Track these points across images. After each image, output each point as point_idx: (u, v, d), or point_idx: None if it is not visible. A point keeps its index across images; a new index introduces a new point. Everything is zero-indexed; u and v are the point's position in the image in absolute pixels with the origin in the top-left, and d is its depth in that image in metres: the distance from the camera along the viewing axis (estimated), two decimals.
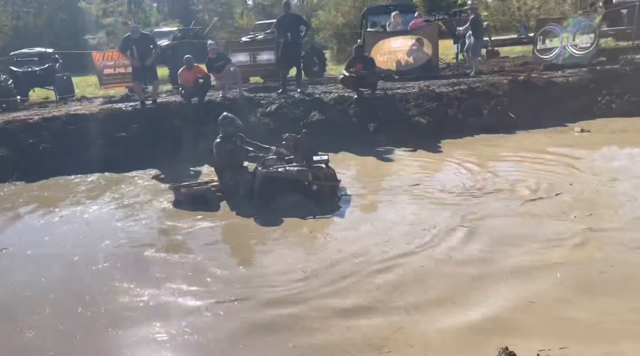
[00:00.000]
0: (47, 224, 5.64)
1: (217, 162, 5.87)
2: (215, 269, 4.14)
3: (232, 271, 4.14)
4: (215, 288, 3.85)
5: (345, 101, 8.92)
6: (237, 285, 3.85)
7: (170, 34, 15.92)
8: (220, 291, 3.77)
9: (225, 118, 5.82)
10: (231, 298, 3.65)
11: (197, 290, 3.82)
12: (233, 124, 5.78)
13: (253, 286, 3.82)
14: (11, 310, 3.66)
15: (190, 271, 4.14)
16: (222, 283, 3.91)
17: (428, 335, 3.06)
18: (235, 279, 3.95)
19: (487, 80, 9.55)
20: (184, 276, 4.05)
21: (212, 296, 3.70)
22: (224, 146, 5.71)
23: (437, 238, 4.41)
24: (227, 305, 3.57)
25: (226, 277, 4.02)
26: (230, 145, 5.74)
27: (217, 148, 5.72)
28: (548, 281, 3.56)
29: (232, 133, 5.80)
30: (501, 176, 6.01)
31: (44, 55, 13.18)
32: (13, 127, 8.51)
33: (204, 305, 3.58)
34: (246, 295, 3.68)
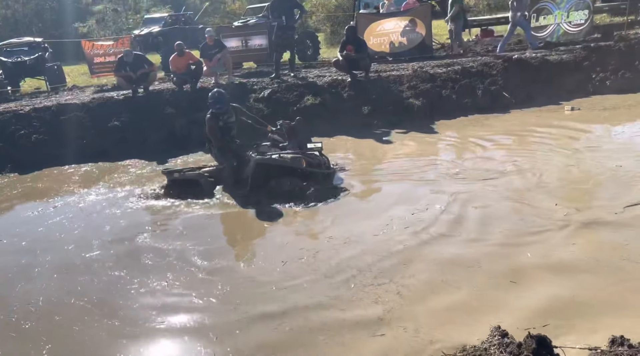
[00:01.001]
0: (42, 215, 5.63)
1: (209, 137, 5.80)
2: (204, 259, 4.13)
3: (221, 260, 4.12)
4: (202, 276, 3.86)
5: (339, 85, 8.85)
6: (226, 275, 3.84)
7: (161, 20, 15.68)
8: (210, 281, 3.77)
9: (211, 97, 5.69)
10: (220, 288, 3.65)
11: (185, 279, 3.83)
12: (215, 106, 5.65)
13: (241, 275, 3.83)
14: (6, 301, 3.67)
15: (180, 260, 4.14)
16: (211, 272, 3.92)
17: (419, 315, 3.08)
18: (223, 270, 3.94)
19: (481, 60, 9.47)
20: (173, 265, 4.06)
21: (201, 286, 3.72)
22: (213, 122, 5.64)
23: (429, 221, 4.40)
24: (216, 295, 3.58)
25: (215, 266, 4.02)
26: (221, 121, 5.67)
27: (208, 122, 5.67)
28: (533, 263, 3.57)
29: (221, 112, 5.70)
30: (487, 158, 6.03)
31: (33, 45, 13.01)
32: (4, 118, 8.43)
33: (192, 294, 3.59)
34: (235, 283, 3.68)
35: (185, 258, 4.16)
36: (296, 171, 5.38)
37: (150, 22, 15.86)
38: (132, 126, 8.29)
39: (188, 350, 3.00)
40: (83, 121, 8.42)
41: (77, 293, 3.73)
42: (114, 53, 11.13)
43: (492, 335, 2.49)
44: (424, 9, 11.09)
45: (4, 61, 12.07)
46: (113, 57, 11.09)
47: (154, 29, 14.75)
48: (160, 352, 3.01)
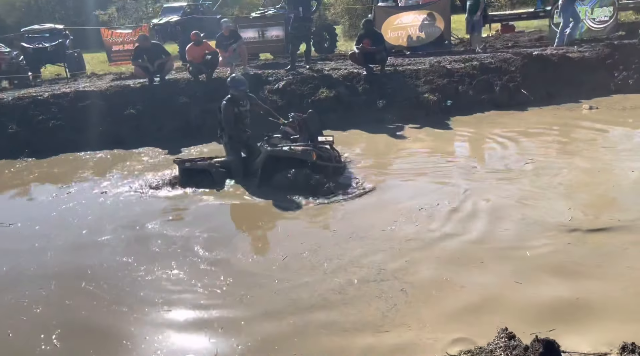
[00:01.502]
0: (56, 200, 5.73)
1: (222, 124, 5.80)
2: (210, 249, 4.15)
3: (226, 251, 4.12)
4: (207, 266, 3.87)
5: (355, 78, 8.79)
6: (230, 267, 3.84)
7: (180, 9, 15.75)
8: (214, 271, 3.78)
9: (231, 81, 5.73)
10: (223, 279, 3.66)
11: (190, 269, 3.85)
12: (238, 87, 5.69)
13: (245, 267, 3.84)
14: (18, 285, 3.74)
15: (187, 249, 4.16)
16: (216, 262, 3.93)
17: (423, 314, 3.06)
18: (228, 261, 3.94)
19: (500, 56, 9.30)
20: (180, 254, 4.09)
21: (206, 276, 3.74)
22: (229, 108, 5.65)
23: (437, 218, 4.36)
24: (221, 286, 3.59)
25: (220, 257, 4.02)
26: (236, 108, 5.68)
27: (223, 109, 5.68)
28: (538, 264, 3.51)
29: (239, 97, 5.72)
30: (501, 156, 5.93)
31: (54, 32, 13.20)
32: (23, 103, 8.58)
33: (197, 284, 3.62)
34: (238, 276, 3.69)
35: (191, 247, 4.19)
36: (306, 164, 5.36)
37: (169, 11, 15.95)
38: (147, 115, 8.37)
39: (194, 339, 3.02)
40: (100, 108, 8.51)
41: (87, 277, 3.78)
42: (132, 41, 11.24)
43: (498, 337, 2.45)
44: (444, 3, 10.91)
45: (25, 47, 12.28)
46: (131, 45, 11.21)
47: (173, 18, 14.83)
48: (167, 340, 3.03)
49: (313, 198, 5.03)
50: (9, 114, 8.34)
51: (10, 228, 4.94)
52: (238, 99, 5.68)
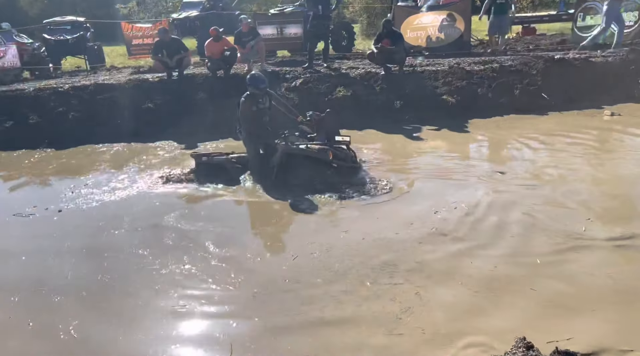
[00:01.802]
0: (74, 192, 5.78)
1: (241, 120, 5.78)
2: (224, 245, 4.17)
3: (240, 248, 4.13)
4: (220, 262, 3.90)
5: (372, 77, 8.73)
6: (242, 264, 3.85)
7: (199, 4, 15.77)
8: (227, 268, 3.80)
9: (251, 79, 5.65)
10: (235, 276, 3.68)
11: (203, 264, 3.87)
12: (258, 86, 5.63)
13: (256, 265, 3.84)
14: (37, 274, 3.80)
15: (200, 244, 4.19)
16: (230, 259, 3.94)
17: (438, 318, 3.03)
18: (241, 258, 3.95)
19: (521, 58, 9.16)
20: (194, 249, 4.12)
21: (218, 272, 3.76)
22: (248, 105, 5.60)
23: (452, 222, 4.32)
24: (233, 283, 3.61)
25: (233, 253, 4.03)
26: (255, 106, 5.64)
27: (242, 105, 5.64)
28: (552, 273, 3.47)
29: (258, 94, 5.66)
30: (520, 160, 5.86)
31: (76, 24, 13.34)
32: (44, 95, 8.70)
33: (209, 280, 3.64)
34: (250, 273, 3.70)
35: (205, 242, 4.21)
36: (322, 163, 5.35)
37: (189, 6, 15.97)
38: (165, 109, 8.43)
39: (207, 334, 3.04)
40: (119, 101, 8.60)
41: (104, 269, 3.83)
42: (151, 36, 11.31)
43: (516, 346, 2.41)
44: (464, 4, 10.78)
45: (47, 39, 12.44)
46: (151, 39, 11.28)
47: (192, 13, 14.85)
48: (181, 335, 3.05)
49: (327, 197, 5.02)
50: (30, 104, 8.48)
51: (29, 218, 5.01)
52: (257, 97, 5.64)
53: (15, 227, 4.85)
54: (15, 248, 4.30)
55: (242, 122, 5.74)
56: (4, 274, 3.84)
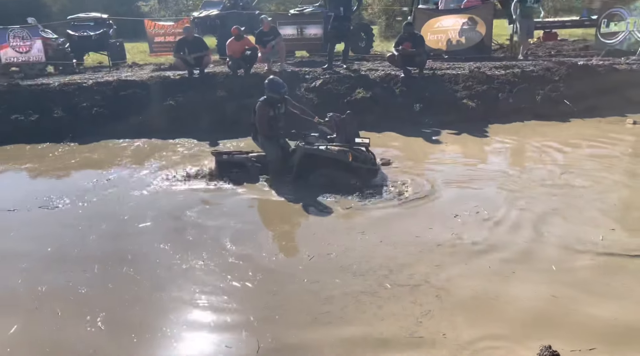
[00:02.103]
0: (96, 186, 5.89)
1: (257, 125, 5.77)
2: (242, 243, 4.21)
3: (259, 247, 4.15)
4: (237, 260, 3.93)
5: (392, 80, 8.73)
6: (260, 263, 3.87)
7: (220, 3, 15.89)
8: (245, 266, 3.83)
9: (270, 84, 5.66)
10: (253, 274, 3.70)
11: (222, 261, 3.92)
12: (279, 90, 5.64)
13: (274, 264, 3.86)
14: (63, 266, 3.87)
15: (220, 241, 4.23)
16: (248, 257, 3.96)
17: (459, 322, 3.03)
18: (259, 256, 3.97)
19: (543, 64, 9.08)
20: (213, 245, 4.16)
21: (237, 269, 3.80)
22: (265, 110, 5.60)
23: (472, 226, 4.31)
24: (252, 280, 3.64)
25: (253, 252, 4.06)
26: (272, 111, 5.64)
27: (258, 111, 5.64)
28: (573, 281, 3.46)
29: (276, 100, 5.67)
30: (540, 167, 5.80)
31: (99, 21, 13.54)
32: (68, 90, 8.86)
33: (228, 277, 3.68)
34: (268, 272, 3.72)
35: (224, 240, 4.25)
36: (341, 164, 5.37)
37: (209, 5, 16.10)
38: (185, 106, 8.52)
39: (231, 330, 3.07)
40: (140, 97, 8.72)
41: (128, 262, 3.90)
42: (173, 34, 11.44)
43: (541, 354, 2.40)
44: (487, 8, 10.73)
45: (71, 35, 12.64)
46: (172, 37, 11.41)
47: (212, 12, 14.97)
48: (204, 330, 3.09)
49: (346, 198, 5.03)
50: (55, 99, 8.64)
51: (54, 211, 5.11)
52: (275, 102, 5.64)
53: (42, 219, 4.94)
54: (42, 240, 4.39)
55: (258, 127, 5.76)
56: (33, 270, 3.91)
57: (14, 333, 3.07)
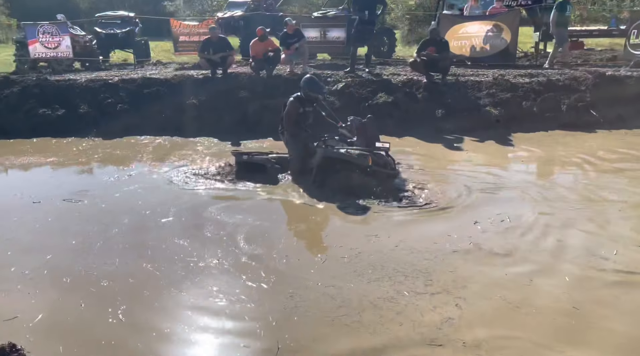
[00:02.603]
0: (118, 181, 5.99)
1: (284, 120, 5.82)
2: (260, 243, 4.21)
3: (273, 249, 4.13)
4: (253, 261, 3.93)
5: (414, 85, 8.69)
6: (277, 264, 3.86)
7: (245, 4, 16.05)
8: (260, 267, 3.83)
9: (310, 82, 5.68)
10: (271, 275, 3.71)
11: (239, 261, 3.93)
12: (320, 91, 5.63)
13: (291, 267, 3.84)
14: (87, 259, 3.93)
15: (238, 241, 4.24)
16: (261, 258, 3.96)
17: (479, 332, 2.98)
18: (275, 259, 3.95)
19: (570, 73, 8.93)
20: (231, 245, 4.18)
21: (253, 270, 3.80)
22: (295, 106, 5.64)
23: (490, 235, 4.25)
24: (268, 281, 3.65)
25: (267, 254, 4.04)
26: (302, 108, 5.67)
27: (289, 106, 5.68)
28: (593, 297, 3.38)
29: (312, 98, 5.69)
30: (563, 178, 5.72)
31: (126, 19, 13.80)
32: (95, 86, 9.04)
33: (243, 277, 3.69)
34: (283, 275, 3.71)
35: (241, 240, 4.25)
36: (361, 168, 5.35)
37: (234, 6, 16.25)
38: (208, 106, 8.61)
39: (249, 330, 3.07)
40: (164, 95, 8.84)
41: (148, 257, 3.94)
42: (197, 33, 11.58)
43: None
44: (513, 15, 10.61)
45: (98, 32, 12.92)
46: (197, 37, 11.55)
47: (236, 13, 15.12)
48: (222, 329, 3.10)
49: (365, 202, 5.02)
50: (81, 95, 8.83)
51: (79, 204, 5.20)
52: (310, 100, 5.68)
53: (66, 212, 5.03)
54: (65, 233, 4.48)
55: (285, 123, 5.80)
56: (58, 261, 3.98)
57: (38, 322, 3.13)
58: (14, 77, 9.63)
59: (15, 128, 8.28)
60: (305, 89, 5.64)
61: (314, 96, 5.63)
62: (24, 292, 3.48)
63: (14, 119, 8.42)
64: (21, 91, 8.90)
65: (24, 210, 5.04)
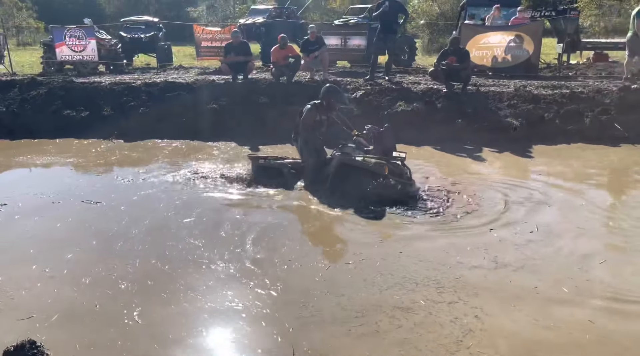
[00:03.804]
0: (135, 183, 6.05)
1: (300, 126, 5.82)
2: (277, 250, 4.21)
3: (285, 255, 4.12)
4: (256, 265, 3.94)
5: (434, 94, 8.65)
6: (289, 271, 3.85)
7: (266, 11, 16.26)
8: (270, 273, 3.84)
9: (334, 93, 5.69)
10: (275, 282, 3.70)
11: (251, 267, 3.92)
12: (343, 100, 5.64)
13: (305, 273, 3.83)
14: (108, 260, 3.97)
15: (251, 246, 4.27)
16: (272, 265, 3.95)
17: (500, 345, 2.94)
18: (287, 265, 3.94)
19: (594, 85, 8.79)
20: (246, 249, 4.21)
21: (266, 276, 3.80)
22: (313, 114, 5.66)
23: (506, 248, 4.20)
24: (282, 288, 3.64)
25: (286, 258, 4.03)
26: (319, 116, 5.68)
27: (306, 112, 5.69)
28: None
29: (331, 106, 5.70)
30: (582, 194, 5.56)
31: (150, 24, 14.07)
32: (119, 89, 9.21)
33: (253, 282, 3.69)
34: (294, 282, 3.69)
35: (255, 245, 4.27)
36: (377, 177, 5.33)
37: (256, 13, 16.49)
38: (228, 110, 8.68)
39: (266, 335, 3.07)
40: (185, 99, 8.96)
41: (165, 259, 3.98)
42: (220, 39, 11.72)
43: None
44: (536, 26, 10.52)
45: (123, 36, 13.19)
46: (219, 43, 11.69)
47: (258, 20, 15.31)
48: (239, 334, 3.09)
49: (379, 211, 5.01)
50: (105, 97, 9.00)
51: (97, 206, 5.27)
52: (328, 109, 5.70)
53: (85, 214, 5.10)
54: (84, 234, 4.56)
55: (301, 129, 5.82)
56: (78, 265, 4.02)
57: (53, 322, 3.17)
58: (40, 79, 9.87)
59: (41, 128, 8.46)
60: (328, 97, 5.65)
61: (336, 105, 5.62)
62: (42, 291, 3.53)
63: (39, 120, 8.61)
64: (47, 92, 9.12)
65: (45, 210, 5.13)
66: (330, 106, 5.68)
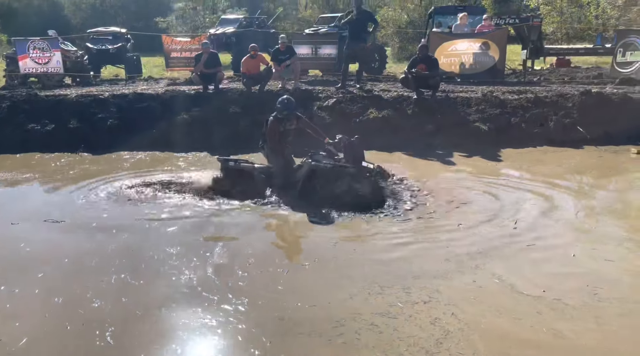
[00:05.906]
0: (88, 199, 5.84)
1: (266, 137, 5.86)
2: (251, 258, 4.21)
3: (260, 264, 4.12)
4: (241, 275, 3.92)
5: (405, 101, 8.77)
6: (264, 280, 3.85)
7: (236, 21, 16.23)
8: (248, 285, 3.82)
9: (282, 104, 5.72)
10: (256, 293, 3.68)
11: (233, 279, 3.90)
12: (290, 110, 5.71)
13: (284, 283, 3.84)
14: (81, 278, 3.86)
15: (229, 257, 4.26)
16: (249, 275, 3.95)
17: (478, 344, 2.99)
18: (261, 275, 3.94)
19: (557, 90, 9.08)
20: (223, 260, 4.20)
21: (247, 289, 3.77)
22: (275, 126, 5.70)
23: (477, 247, 4.32)
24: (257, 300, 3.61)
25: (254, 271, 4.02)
26: (282, 127, 5.73)
27: (270, 124, 5.74)
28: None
29: (286, 117, 5.74)
30: (547, 195, 5.73)
31: (117, 35, 13.85)
32: (85, 101, 9.00)
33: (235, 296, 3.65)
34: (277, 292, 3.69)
35: (229, 256, 4.26)
36: (347, 182, 5.38)
37: (226, 23, 16.45)
38: (199, 121, 8.59)
39: (244, 350, 3.04)
40: (155, 111, 8.82)
41: (138, 274, 3.89)
42: (189, 49, 11.64)
43: None
44: (501, 34, 10.83)
45: (90, 48, 12.95)
46: (188, 53, 11.61)
47: (228, 30, 15.28)
48: (214, 350, 3.06)
49: (349, 215, 5.10)
50: (71, 109, 8.77)
51: (60, 224, 5.04)
52: (286, 119, 5.75)
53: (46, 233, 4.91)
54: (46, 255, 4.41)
55: (267, 139, 5.84)
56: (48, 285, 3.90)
57: (22, 346, 3.05)
58: (2, 93, 9.57)
59: (2, 143, 8.16)
60: (279, 109, 5.69)
61: (286, 115, 5.68)
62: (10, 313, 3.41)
63: (1, 135, 8.33)
64: (10, 106, 8.84)
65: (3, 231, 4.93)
66: (284, 116, 5.71)
